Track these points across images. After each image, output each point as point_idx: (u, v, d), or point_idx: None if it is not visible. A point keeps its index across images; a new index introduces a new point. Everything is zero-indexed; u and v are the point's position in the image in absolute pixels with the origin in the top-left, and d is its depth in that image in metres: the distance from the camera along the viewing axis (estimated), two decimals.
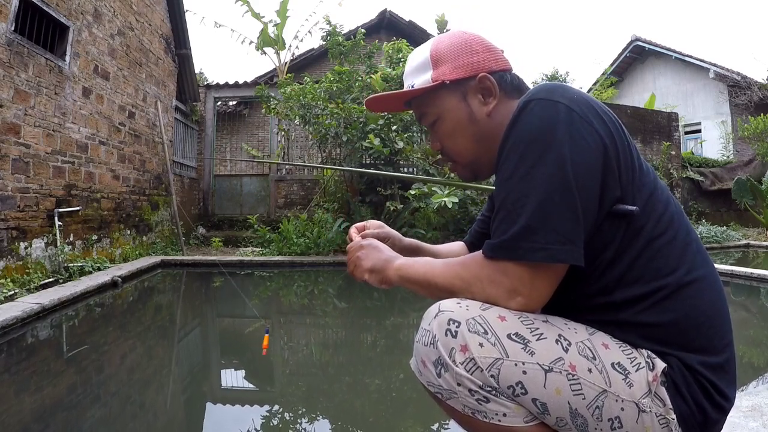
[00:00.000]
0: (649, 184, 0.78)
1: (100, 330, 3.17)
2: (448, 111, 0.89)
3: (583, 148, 0.71)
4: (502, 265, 0.72)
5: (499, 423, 0.71)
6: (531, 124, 0.73)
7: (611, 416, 0.70)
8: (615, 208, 0.73)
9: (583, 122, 0.72)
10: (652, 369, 0.72)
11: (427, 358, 0.74)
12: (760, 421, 1.39)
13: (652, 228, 0.75)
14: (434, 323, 0.73)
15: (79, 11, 4.86)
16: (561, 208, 0.69)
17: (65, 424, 1.74)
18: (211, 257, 6.10)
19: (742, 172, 10.54)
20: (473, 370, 0.70)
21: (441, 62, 0.88)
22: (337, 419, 1.85)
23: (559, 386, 0.70)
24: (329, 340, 3.22)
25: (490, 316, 0.72)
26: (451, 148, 0.91)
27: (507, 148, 0.75)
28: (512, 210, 0.71)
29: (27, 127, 4.08)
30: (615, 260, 0.75)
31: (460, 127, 0.88)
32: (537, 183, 0.70)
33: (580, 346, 0.72)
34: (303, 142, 9.55)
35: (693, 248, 0.78)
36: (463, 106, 0.88)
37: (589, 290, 0.77)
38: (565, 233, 0.69)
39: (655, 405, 0.70)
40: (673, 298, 0.74)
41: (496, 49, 0.91)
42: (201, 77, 11.51)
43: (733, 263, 5.94)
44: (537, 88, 0.77)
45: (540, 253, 0.69)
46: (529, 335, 0.71)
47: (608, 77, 14.97)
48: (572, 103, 0.73)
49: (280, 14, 9.63)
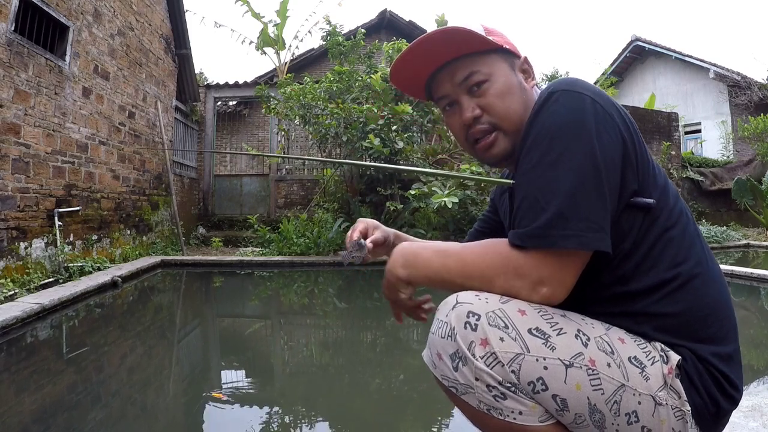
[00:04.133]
0: (661, 178, 0.80)
1: (100, 330, 3.17)
2: (502, 74, 0.86)
3: (607, 141, 0.72)
4: (531, 255, 0.71)
5: (513, 421, 0.70)
6: (558, 114, 0.73)
7: (628, 410, 0.70)
8: (633, 201, 0.75)
9: (606, 114, 0.73)
10: (666, 362, 0.72)
11: (444, 351, 0.71)
12: (760, 421, 1.39)
13: (665, 220, 0.77)
14: (452, 315, 0.71)
15: (79, 11, 4.86)
16: (592, 196, 0.69)
17: (65, 424, 1.74)
18: (211, 257, 6.11)
19: (742, 172, 10.53)
20: (494, 364, 0.68)
21: (493, 34, 0.88)
22: (337, 420, 1.85)
23: (579, 381, 0.69)
24: (329, 340, 3.22)
25: (510, 310, 0.71)
26: (503, 109, 0.85)
27: (532, 138, 0.74)
28: (540, 198, 0.71)
29: (27, 127, 4.08)
30: (632, 250, 0.75)
31: (514, 90, 0.86)
32: (567, 171, 0.70)
33: (598, 340, 0.72)
34: (303, 142, 9.55)
35: (700, 242, 0.80)
36: (514, 74, 0.88)
37: (606, 280, 0.77)
38: (597, 220, 0.69)
39: (670, 398, 0.71)
40: (684, 288, 0.75)
41: None
42: (201, 77, 11.49)
43: (733, 263, 5.93)
44: (558, 81, 0.78)
45: (573, 240, 0.68)
46: (550, 330, 0.71)
47: (608, 77, 14.95)
48: (596, 95, 0.74)
49: (280, 14, 9.64)
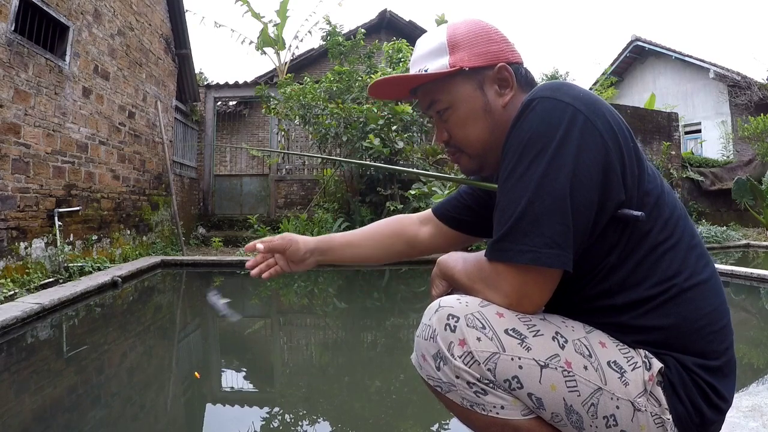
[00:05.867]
0: (656, 188, 0.76)
1: (100, 330, 3.17)
2: (463, 99, 0.84)
3: (583, 150, 0.69)
4: (496, 268, 0.73)
5: (497, 416, 0.72)
6: (532, 123, 0.71)
7: (606, 414, 0.70)
8: (620, 213, 0.72)
9: (587, 123, 0.70)
10: (648, 368, 0.72)
11: (427, 352, 0.75)
12: (760, 421, 1.39)
13: (657, 233, 0.74)
14: (434, 318, 0.75)
15: (79, 11, 4.86)
16: (550, 211, 0.68)
17: (65, 424, 1.74)
18: (211, 257, 6.10)
19: (742, 172, 10.52)
20: (471, 363, 0.71)
21: (459, 48, 0.83)
22: (337, 420, 1.85)
23: (554, 382, 0.70)
24: (329, 340, 3.22)
25: (488, 312, 0.73)
26: (463, 138, 0.86)
27: (508, 147, 0.74)
28: (507, 210, 0.71)
29: (27, 127, 4.08)
30: (619, 264, 0.74)
31: (475, 116, 0.84)
32: (530, 184, 0.69)
33: (576, 343, 0.73)
34: (303, 142, 9.55)
35: (697, 252, 0.77)
36: (479, 95, 0.83)
37: (591, 293, 0.77)
38: (552, 236, 0.67)
39: (650, 404, 0.70)
40: (674, 301, 0.73)
41: (512, 41, 0.88)
42: (201, 77, 11.49)
43: (733, 263, 5.93)
44: (541, 87, 0.75)
45: (527, 255, 0.68)
46: (526, 331, 0.72)
47: (608, 77, 14.96)
48: (576, 101, 0.71)
49: (280, 14, 9.64)
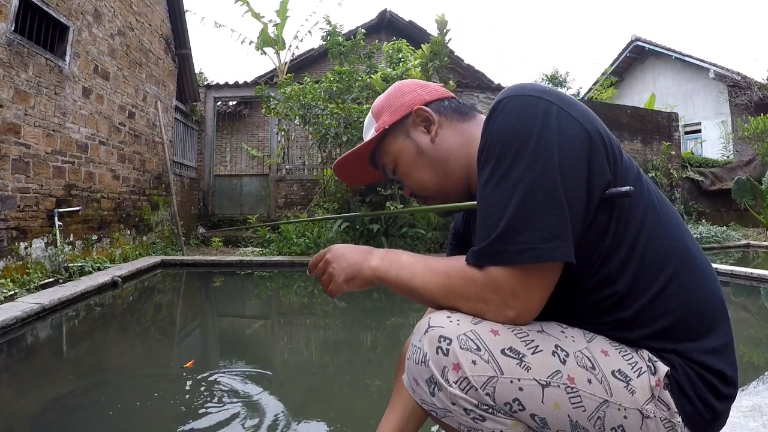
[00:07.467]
0: (633, 167, 0.76)
1: (100, 330, 3.18)
2: (399, 153, 0.93)
3: (565, 138, 0.69)
4: (489, 276, 0.68)
5: None
6: (504, 122, 0.71)
7: (614, 425, 0.68)
8: (608, 193, 0.70)
9: (561, 112, 0.70)
10: (654, 373, 0.70)
11: (419, 377, 0.70)
12: (760, 421, 1.39)
13: (644, 210, 0.73)
14: (425, 340, 0.70)
15: (79, 11, 4.86)
16: (544, 204, 0.66)
17: (65, 424, 1.74)
18: (211, 257, 6.11)
19: (742, 172, 10.53)
20: (467, 389, 0.67)
21: (381, 113, 0.95)
22: (337, 420, 1.85)
23: (557, 400, 0.67)
24: (329, 340, 3.22)
25: (482, 331, 0.69)
26: (414, 184, 0.94)
27: (483, 153, 0.73)
28: (493, 213, 0.68)
29: (27, 127, 4.08)
30: (615, 247, 0.72)
31: (414, 162, 0.92)
32: (517, 181, 0.67)
33: (578, 356, 0.69)
34: (303, 142, 9.55)
35: (683, 230, 0.77)
36: (409, 142, 0.92)
37: (592, 283, 0.73)
38: (551, 230, 0.65)
39: (659, 410, 0.68)
40: (675, 281, 0.72)
41: (431, 84, 0.96)
42: (201, 77, 11.50)
43: (733, 263, 5.94)
44: (507, 88, 0.76)
45: (529, 253, 0.65)
46: (524, 349, 0.68)
47: (608, 77, 14.98)
48: (545, 94, 0.72)
49: (280, 14, 9.63)
